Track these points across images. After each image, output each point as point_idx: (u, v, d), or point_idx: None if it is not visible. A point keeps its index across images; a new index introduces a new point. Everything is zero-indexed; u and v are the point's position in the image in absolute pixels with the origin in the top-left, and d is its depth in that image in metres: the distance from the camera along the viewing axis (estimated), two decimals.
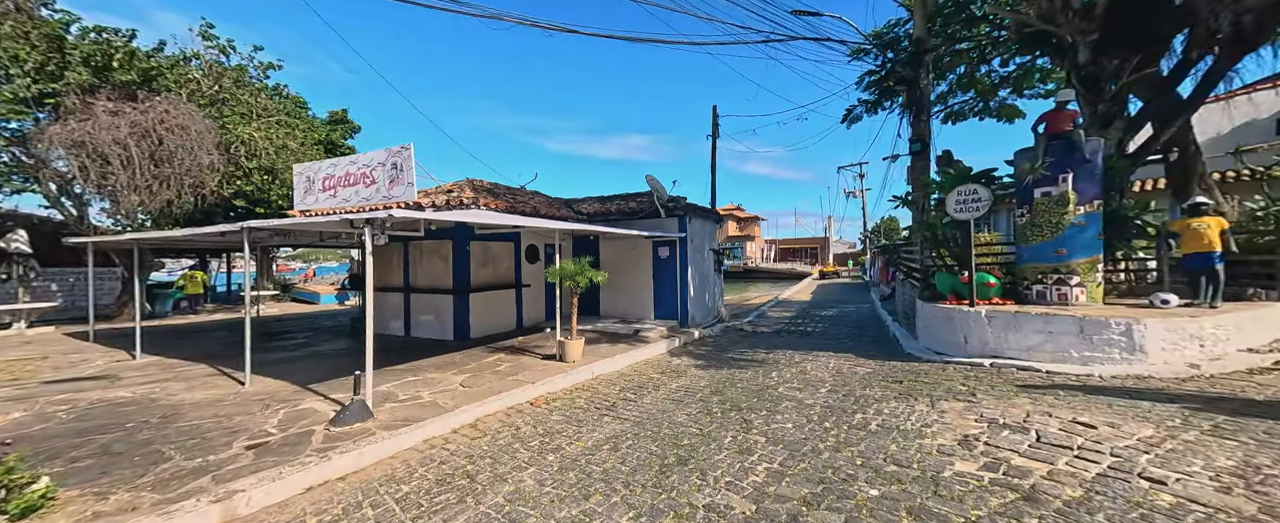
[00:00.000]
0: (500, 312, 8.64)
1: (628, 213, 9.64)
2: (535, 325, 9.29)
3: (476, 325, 8.02)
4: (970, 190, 5.32)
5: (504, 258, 8.94)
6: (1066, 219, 5.05)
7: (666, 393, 4.84)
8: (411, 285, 8.38)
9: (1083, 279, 5.02)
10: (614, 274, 10.38)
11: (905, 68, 8.20)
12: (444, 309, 7.91)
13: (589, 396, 4.87)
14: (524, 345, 7.35)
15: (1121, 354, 4.25)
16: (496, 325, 8.50)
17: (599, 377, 5.71)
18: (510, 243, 9.08)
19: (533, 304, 9.59)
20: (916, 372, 4.99)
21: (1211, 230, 4.50)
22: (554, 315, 6.47)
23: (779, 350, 7.03)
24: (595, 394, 4.90)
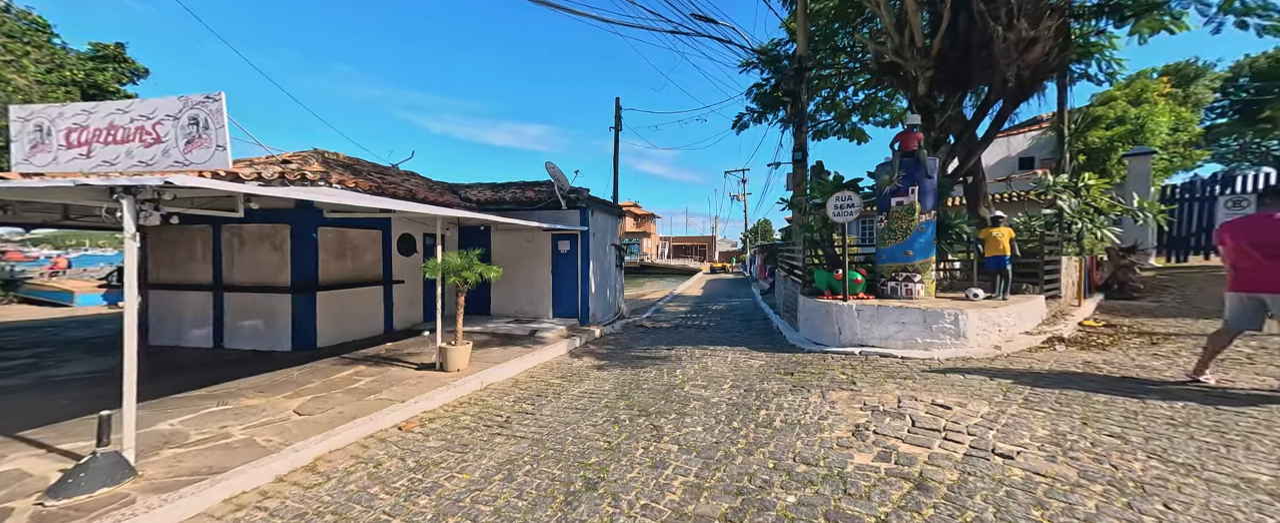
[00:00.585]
0: (362, 314, 7.15)
1: (524, 203, 8.83)
2: (409, 329, 7.95)
3: (327, 331, 6.49)
4: (846, 196, 5.93)
5: (368, 249, 7.43)
6: (913, 225, 5.96)
7: (569, 401, 4.40)
8: (225, 282, 6.40)
9: (923, 277, 5.99)
10: (508, 269, 9.45)
11: (790, 81, 8.97)
12: (277, 312, 6.22)
13: (477, 411, 4.18)
14: (394, 354, 6.15)
15: (951, 340, 5.12)
16: (356, 331, 7.01)
17: (490, 387, 5.00)
18: (377, 231, 7.59)
19: (407, 304, 8.20)
20: (802, 362, 5.38)
21: (1003, 238, 5.78)
22: (434, 316, 5.50)
23: (680, 346, 7.09)
24: (485, 409, 4.22)
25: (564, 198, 8.51)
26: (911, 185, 5.96)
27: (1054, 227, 6.63)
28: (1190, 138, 15.55)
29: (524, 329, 7.94)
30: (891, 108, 14.94)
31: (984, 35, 6.22)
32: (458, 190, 9.67)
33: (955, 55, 6.63)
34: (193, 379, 4.79)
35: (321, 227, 6.45)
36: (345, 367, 5.45)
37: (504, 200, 8.85)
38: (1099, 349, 4.92)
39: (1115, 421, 3.00)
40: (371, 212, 6.31)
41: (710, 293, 18.64)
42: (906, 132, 6.16)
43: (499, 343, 7.03)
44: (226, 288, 6.35)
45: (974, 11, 6.21)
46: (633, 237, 49.27)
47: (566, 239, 9.08)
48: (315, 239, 6.39)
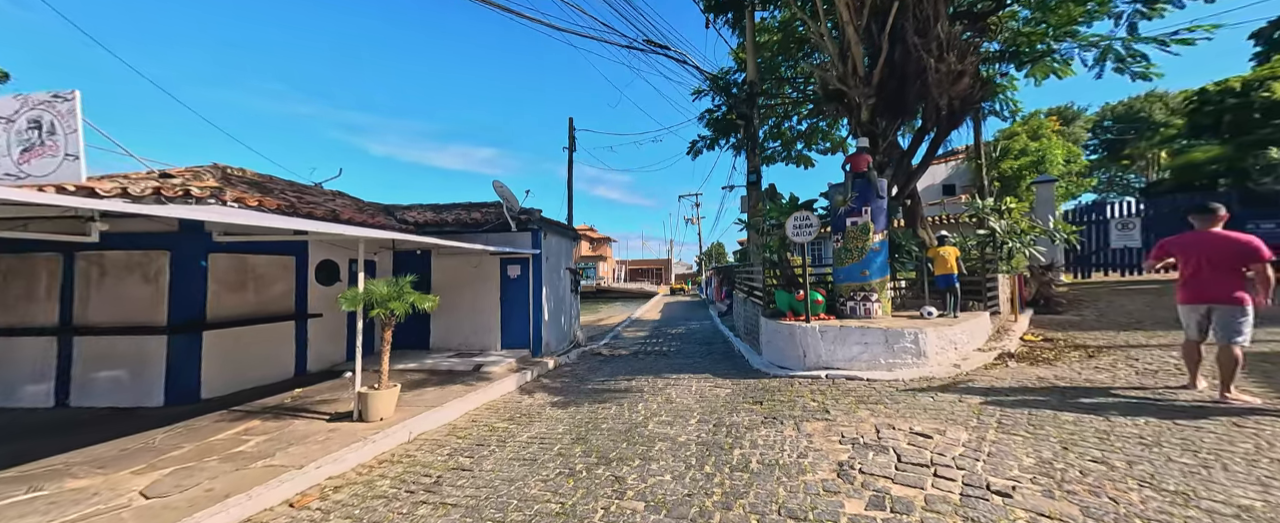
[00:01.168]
0: (265, 355, 6.06)
1: (470, 225, 8.15)
2: (329, 370, 6.87)
3: (216, 378, 5.37)
4: (804, 217, 5.92)
5: (278, 278, 6.40)
6: (868, 245, 6.04)
7: (516, 449, 3.78)
8: (76, 323, 5.14)
9: (880, 296, 6.03)
10: (450, 298, 8.61)
11: (742, 106, 9.17)
12: (148, 358, 5.06)
13: (401, 471, 3.45)
14: (302, 403, 5.18)
15: (913, 359, 5.09)
16: (257, 375, 5.90)
17: (420, 438, 4.25)
18: (290, 257, 6.59)
19: (326, 340, 7.13)
20: (770, 390, 5.11)
21: (950, 257, 6.00)
22: (366, 353, 4.70)
23: (641, 376, 6.62)
24: (411, 467, 3.51)
25: (514, 219, 7.95)
26: (864, 205, 6.07)
27: (987, 246, 7.02)
28: (1079, 169, 17.88)
29: (468, 364, 7.12)
30: (832, 136, 15.90)
31: (918, 66, 6.65)
32: (394, 212, 8.80)
33: (894, 84, 7.03)
34: (7, 453, 3.62)
35: (214, 253, 5.43)
36: (233, 423, 4.44)
37: (445, 222, 8.12)
38: (1046, 364, 5.08)
39: (1092, 443, 2.93)
40: (278, 234, 5.44)
41: (669, 316, 18.39)
42: (856, 154, 6.33)
43: (437, 382, 6.20)
44: (78, 331, 5.08)
45: (908, 44, 6.64)
46: (589, 260, 48.58)
47: (516, 263, 8.45)
48: (205, 268, 5.35)
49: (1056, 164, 14.90)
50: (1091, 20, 8.81)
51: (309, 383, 6.12)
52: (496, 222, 8.03)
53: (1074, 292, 9.50)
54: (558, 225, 9.24)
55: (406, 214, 8.63)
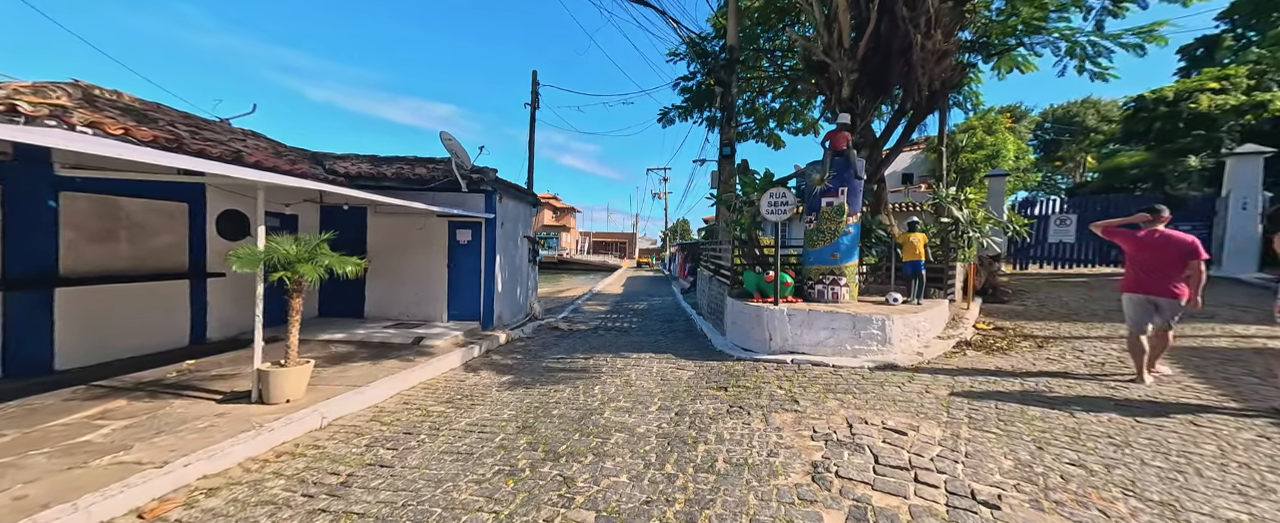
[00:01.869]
0: (146, 320, 5.08)
1: (413, 182, 7.21)
2: (235, 339, 5.94)
3: (75, 347, 4.41)
4: (780, 194, 5.58)
5: (162, 228, 5.32)
6: (841, 227, 5.83)
7: (450, 440, 3.28)
8: None
9: (847, 280, 5.90)
10: (389, 262, 7.72)
11: (721, 71, 8.60)
12: None
13: (303, 467, 2.87)
14: (191, 378, 4.36)
15: (878, 346, 5.00)
16: (133, 344, 4.94)
17: (336, 424, 3.63)
18: (181, 204, 5.49)
19: (232, 304, 6.14)
20: (735, 374, 4.87)
21: (919, 243, 5.93)
22: (284, 320, 3.96)
23: (599, 353, 6.23)
24: (316, 462, 2.93)
25: (464, 178, 7.09)
26: (841, 186, 5.82)
27: (949, 234, 7.07)
28: (1027, 165, 18.93)
29: (407, 336, 6.41)
30: (804, 116, 15.70)
31: (904, 42, 6.36)
32: (323, 161, 7.63)
33: (877, 60, 6.72)
34: None
35: (65, 191, 4.31)
36: (90, 403, 3.60)
37: (384, 176, 7.12)
38: (1001, 353, 5.16)
39: (1064, 443, 2.85)
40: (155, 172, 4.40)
41: (631, 291, 18.08)
42: (836, 131, 6.01)
43: (367, 356, 5.49)
44: None
45: (897, 17, 6.30)
46: (551, 230, 47.14)
47: (467, 227, 7.65)
48: (54, 210, 4.25)
49: (1008, 159, 15.64)
50: (1064, 12, 8.87)
51: (208, 354, 5.23)
52: (444, 180, 7.14)
53: (1015, 282, 10.02)
54: (515, 189, 8.44)
55: (338, 164, 7.50)
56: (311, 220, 7.47)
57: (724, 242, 8.39)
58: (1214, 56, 18.17)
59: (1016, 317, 7.01)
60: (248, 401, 3.76)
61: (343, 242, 7.80)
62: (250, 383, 3.85)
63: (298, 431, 3.39)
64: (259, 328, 3.88)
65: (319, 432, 3.49)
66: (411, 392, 4.57)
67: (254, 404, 3.71)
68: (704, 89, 14.86)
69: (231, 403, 3.73)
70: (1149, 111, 14.81)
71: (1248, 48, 17.16)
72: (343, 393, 4.07)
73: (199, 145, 5.04)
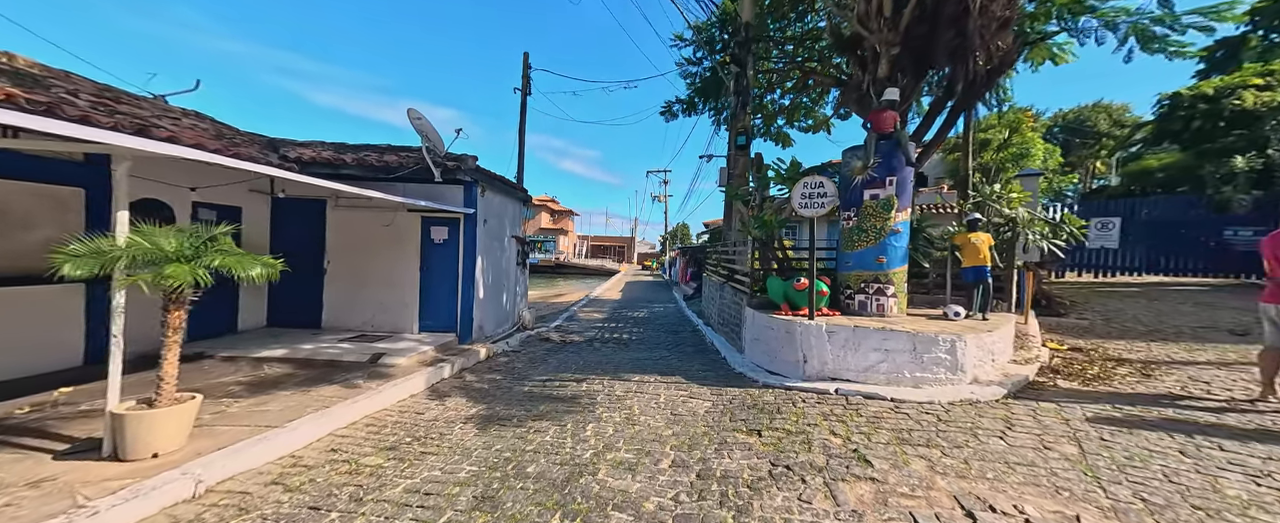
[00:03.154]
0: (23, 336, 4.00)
1: (378, 170, 6.16)
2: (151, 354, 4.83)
3: None
4: (816, 183, 4.56)
5: (53, 218, 4.25)
6: (889, 225, 4.81)
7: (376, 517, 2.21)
8: None
9: (897, 289, 4.86)
10: (351, 263, 6.66)
11: (738, 49, 7.62)
12: None
13: None
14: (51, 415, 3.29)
15: (946, 373, 3.96)
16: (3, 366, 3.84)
17: (218, 489, 2.57)
18: (75, 190, 4.42)
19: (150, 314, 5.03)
20: (765, 408, 3.82)
21: (984, 245, 4.90)
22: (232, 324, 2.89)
23: (594, 375, 5.17)
24: None
25: (437, 165, 6.05)
26: (889, 175, 4.80)
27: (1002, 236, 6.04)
28: (1056, 165, 17.98)
29: (363, 353, 5.34)
30: (815, 114, 14.76)
31: (959, 6, 5.37)
32: (280, 148, 6.56)
33: (923, 29, 5.73)
34: None
35: None
36: None
37: (343, 163, 6.08)
38: (1100, 382, 4.13)
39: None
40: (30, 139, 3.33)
41: (630, 297, 17.03)
42: (881, 110, 5.00)
43: (302, 381, 4.42)
44: None
45: None
46: (549, 233, 46.13)
47: (443, 225, 6.61)
48: None
49: (1037, 159, 14.70)
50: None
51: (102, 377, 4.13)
52: (415, 168, 6.09)
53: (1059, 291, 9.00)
54: (501, 181, 7.41)
55: (294, 150, 6.45)
56: (259, 215, 6.41)
57: (738, 244, 7.36)
58: (1239, 58, 17.35)
59: (1085, 334, 5.98)
60: (98, 454, 2.69)
61: (297, 240, 6.79)
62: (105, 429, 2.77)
63: (148, 507, 2.32)
64: (117, 356, 2.81)
65: (185, 506, 2.42)
66: (348, 433, 3.50)
67: (105, 461, 2.64)
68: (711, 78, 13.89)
69: (72, 459, 2.66)
70: (1186, 110, 13.89)
71: (1276, 49, 16.33)
72: (245, 440, 3.01)
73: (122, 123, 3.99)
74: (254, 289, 6.37)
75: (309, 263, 6.60)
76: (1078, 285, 10.24)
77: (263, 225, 6.46)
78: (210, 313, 5.70)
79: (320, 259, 6.60)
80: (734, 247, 7.44)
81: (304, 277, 6.59)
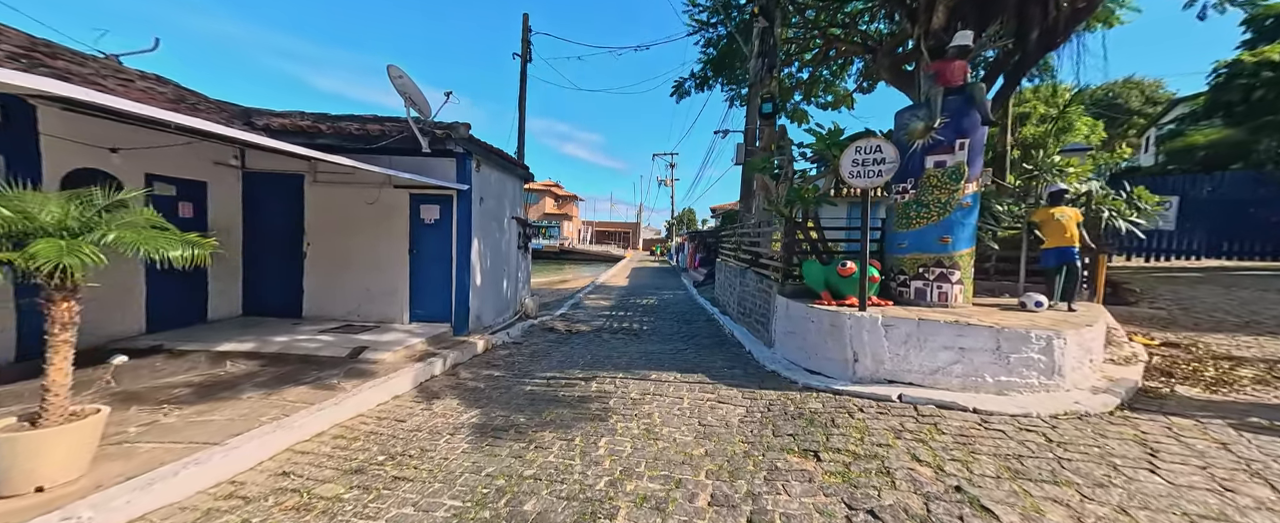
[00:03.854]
0: None
1: (357, 139, 5.43)
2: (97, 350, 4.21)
3: None
4: (872, 147, 3.77)
5: None
6: (956, 198, 4.02)
7: None
8: None
9: (962, 275, 4.10)
10: (335, 246, 5.99)
11: None
12: None
13: None
14: None
15: (1040, 378, 3.23)
16: None
17: None
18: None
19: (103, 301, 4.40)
20: (814, 419, 3.14)
21: (1071, 222, 4.11)
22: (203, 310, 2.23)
23: (604, 371, 4.52)
24: None
25: (424, 133, 5.30)
26: (958, 138, 3.99)
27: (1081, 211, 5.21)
28: (1099, 140, 16.87)
29: (344, 346, 4.71)
30: (836, 88, 13.76)
31: None
32: (253, 118, 5.81)
33: None
34: None
35: None
36: None
37: (318, 131, 5.34)
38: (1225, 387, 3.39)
39: None
40: None
41: (637, 283, 16.37)
42: (949, 59, 4.16)
43: (266, 381, 3.79)
44: None
45: None
46: (553, 219, 45.36)
47: (434, 202, 5.90)
48: None
49: (1080, 134, 13.66)
50: None
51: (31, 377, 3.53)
52: (399, 137, 5.35)
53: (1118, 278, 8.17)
54: (499, 156, 6.66)
55: (266, 120, 5.71)
56: (228, 191, 5.72)
57: (763, 224, 6.60)
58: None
59: (1168, 326, 5.21)
60: None
61: (273, 219, 6.09)
62: None
63: None
64: None
65: None
66: (310, 448, 2.87)
67: None
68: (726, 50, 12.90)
69: None
70: (1248, 78, 12.70)
71: None
72: (171, 463, 2.37)
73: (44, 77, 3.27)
74: (227, 275, 5.74)
75: (287, 245, 5.94)
76: (1130, 271, 9.38)
77: (232, 203, 5.79)
78: (174, 301, 5.09)
79: (299, 241, 5.94)
80: (758, 228, 6.67)
81: (282, 261, 5.96)
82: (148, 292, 4.83)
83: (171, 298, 5.05)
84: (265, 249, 5.96)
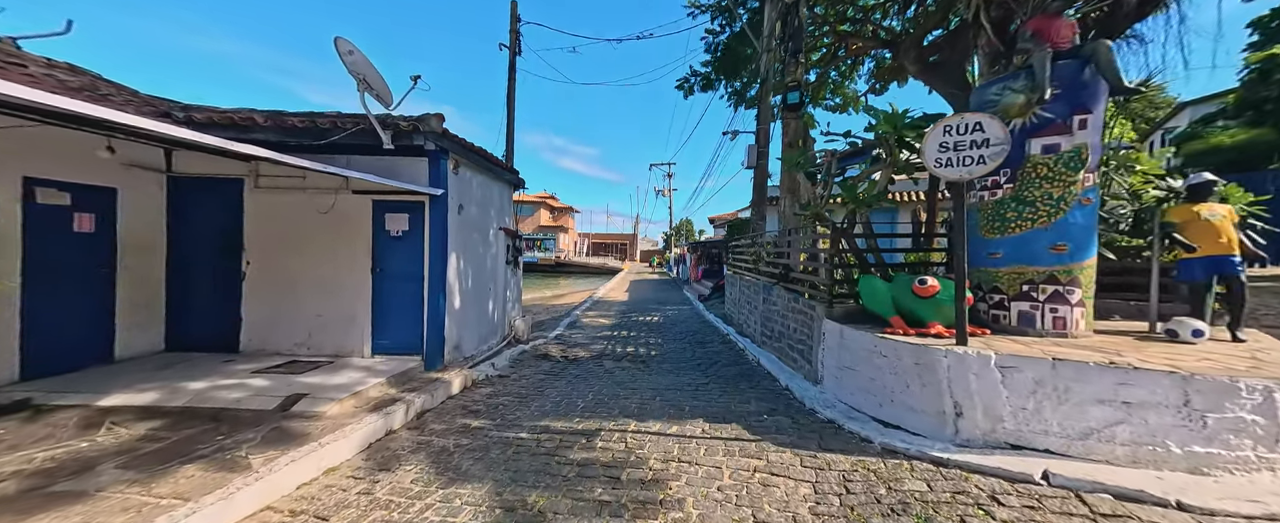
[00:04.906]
0: None
1: (308, 135, 4.44)
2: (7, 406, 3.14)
3: None
4: (969, 125, 2.83)
5: None
6: (1073, 193, 3.06)
7: None
8: None
9: (1083, 294, 3.12)
10: (281, 264, 4.95)
11: None
12: None
13: None
14: None
15: (1258, 451, 2.24)
16: None
17: None
18: None
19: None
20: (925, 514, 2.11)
21: (1227, 223, 3.16)
22: None
23: (610, 418, 3.51)
24: None
25: (387, 126, 4.33)
26: (1075, 113, 3.06)
27: None
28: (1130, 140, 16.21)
29: (277, 392, 3.65)
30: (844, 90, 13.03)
31: None
32: (191, 114, 4.78)
33: None
34: None
35: None
36: None
37: (253, 124, 4.35)
38: None
39: None
40: None
41: (639, 298, 15.34)
42: (1050, 16, 3.25)
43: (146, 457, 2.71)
44: None
45: None
46: (548, 231, 44.41)
47: (402, 210, 4.91)
48: None
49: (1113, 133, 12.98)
50: None
51: None
52: (354, 131, 4.36)
53: None
54: (482, 156, 5.69)
55: (200, 114, 4.70)
56: (147, 200, 4.70)
57: (792, 231, 5.65)
58: None
59: None
60: None
61: (205, 233, 4.68)
62: None
63: None
64: None
65: None
66: None
67: None
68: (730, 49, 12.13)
69: None
70: None
71: None
72: None
73: None
74: (143, 302, 4.68)
75: (222, 265, 4.91)
76: None
77: (153, 214, 4.76)
78: (64, 338, 4.02)
79: (237, 259, 4.90)
80: (787, 236, 5.70)
81: (215, 283, 4.91)
82: (23, 326, 3.76)
83: (60, 334, 3.98)
84: (195, 270, 4.92)
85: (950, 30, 8.31)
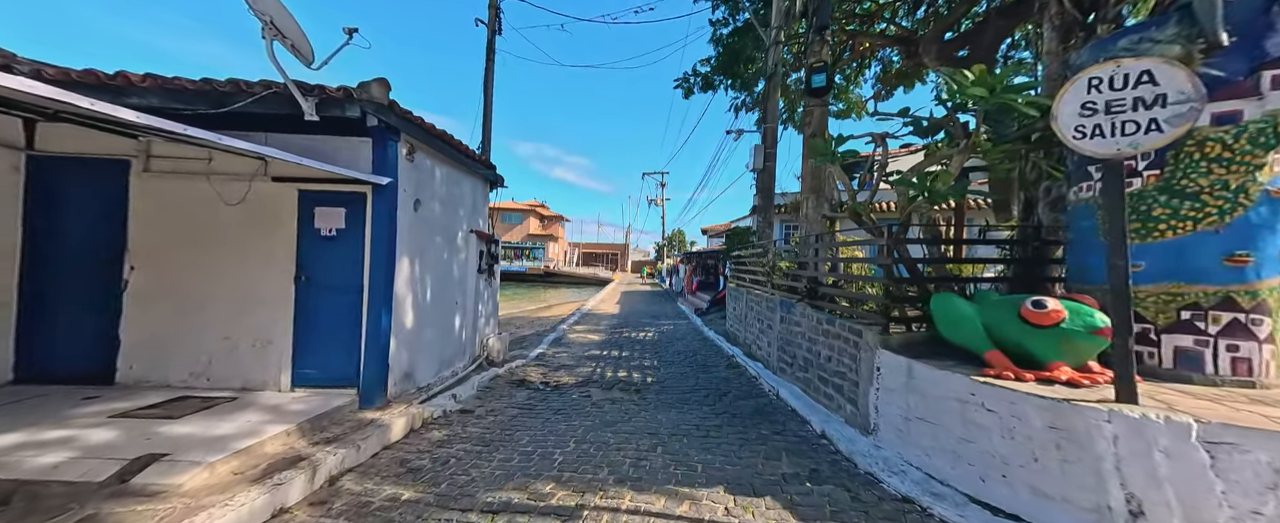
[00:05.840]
0: None
1: (205, 100, 3.39)
2: None
3: None
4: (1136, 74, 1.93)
5: None
6: (1258, 182, 2.17)
7: None
8: None
9: (1274, 326, 2.21)
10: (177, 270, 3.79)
11: None
12: None
13: None
14: None
15: None
16: None
17: None
18: None
19: None
20: None
21: None
22: None
23: (592, 480, 2.46)
24: None
25: (310, 93, 3.31)
26: (1262, 67, 2.19)
27: None
28: None
29: (120, 452, 2.54)
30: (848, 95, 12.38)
31: None
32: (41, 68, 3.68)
33: None
34: None
35: None
36: None
37: (129, 86, 3.29)
38: None
39: None
40: None
41: (630, 310, 14.32)
42: None
43: None
44: None
45: None
46: (537, 240, 43.26)
47: (338, 204, 3.87)
48: None
49: None
50: None
51: None
52: (264, 95, 3.33)
53: None
54: (446, 142, 4.67)
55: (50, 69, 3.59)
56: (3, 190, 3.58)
57: (817, 237, 4.71)
58: None
59: None
60: None
61: (77, 228, 3.53)
62: None
63: None
64: None
65: None
66: None
67: None
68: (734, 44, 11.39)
69: None
70: None
71: None
72: None
73: None
74: None
75: (97, 271, 3.80)
76: None
77: (6, 202, 3.66)
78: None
79: (118, 264, 3.80)
80: (815, 243, 4.75)
81: (88, 294, 3.79)
82: None
83: None
84: (61, 277, 3.80)
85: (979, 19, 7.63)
